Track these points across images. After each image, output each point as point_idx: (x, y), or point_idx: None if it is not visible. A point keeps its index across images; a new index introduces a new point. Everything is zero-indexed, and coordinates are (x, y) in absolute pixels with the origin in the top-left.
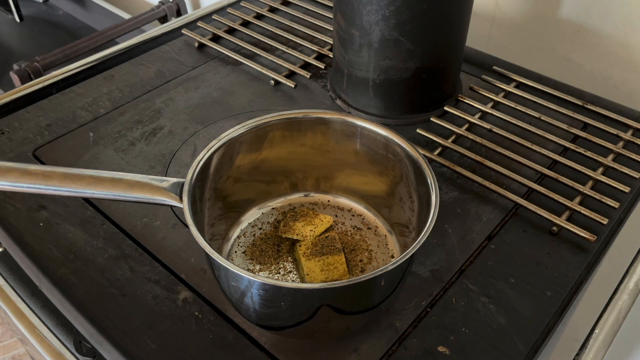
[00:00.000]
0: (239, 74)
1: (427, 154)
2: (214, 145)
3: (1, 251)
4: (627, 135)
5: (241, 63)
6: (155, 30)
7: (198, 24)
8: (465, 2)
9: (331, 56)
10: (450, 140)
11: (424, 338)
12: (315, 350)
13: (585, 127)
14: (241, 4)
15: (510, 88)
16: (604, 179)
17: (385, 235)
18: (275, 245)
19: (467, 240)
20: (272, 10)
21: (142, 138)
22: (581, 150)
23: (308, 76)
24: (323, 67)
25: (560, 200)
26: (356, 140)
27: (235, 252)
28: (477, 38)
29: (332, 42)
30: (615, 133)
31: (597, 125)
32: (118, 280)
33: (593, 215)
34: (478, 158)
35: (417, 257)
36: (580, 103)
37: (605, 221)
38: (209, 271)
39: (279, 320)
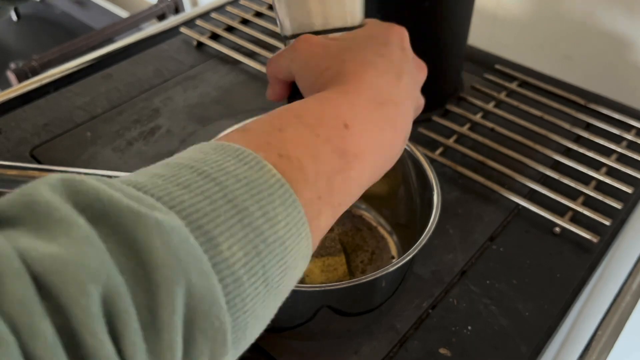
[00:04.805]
0: (238, 72)
1: (429, 154)
2: None
3: None
4: (631, 135)
5: (240, 62)
6: (154, 28)
7: (197, 22)
8: (467, 0)
9: None
10: (452, 140)
11: (425, 340)
12: (315, 352)
13: (588, 126)
14: (240, 2)
15: (512, 87)
16: (607, 179)
17: (386, 236)
18: None
19: (469, 241)
20: (272, 8)
21: (140, 138)
22: (584, 150)
23: None
24: None
25: (563, 201)
26: None
27: None
28: (478, 36)
29: None
30: (618, 133)
31: (600, 125)
32: None
33: (596, 215)
34: (480, 158)
35: (418, 258)
36: (582, 102)
37: (608, 222)
38: None
39: (278, 322)
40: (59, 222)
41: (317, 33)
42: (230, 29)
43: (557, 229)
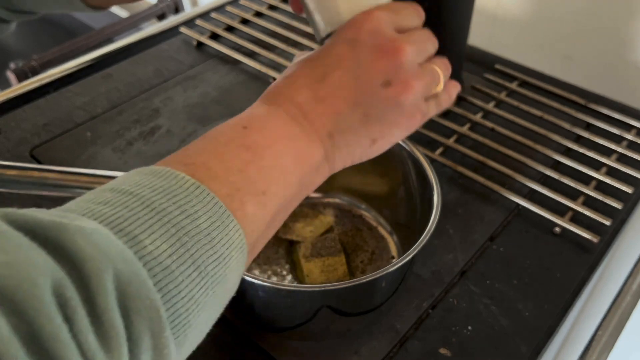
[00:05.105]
0: (238, 72)
1: (429, 154)
2: None
3: None
4: (631, 135)
5: (240, 62)
6: (154, 28)
7: (196, 22)
8: (467, 0)
9: None
10: (452, 140)
11: (425, 340)
12: (315, 352)
13: (588, 126)
14: (240, 2)
15: (512, 86)
16: (607, 179)
17: (386, 236)
18: (273, 247)
19: (469, 241)
20: (272, 8)
21: (140, 137)
22: (584, 150)
23: None
24: None
25: (563, 201)
26: None
27: None
28: (478, 36)
29: None
30: (618, 133)
31: (600, 125)
32: None
33: (596, 215)
34: (480, 158)
35: (418, 258)
36: (582, 102)
37: (608, 222)
38: None
39: (278, 322)
40: (0, 235)
41: None
42: (230, 29)
43: (557, 229)
